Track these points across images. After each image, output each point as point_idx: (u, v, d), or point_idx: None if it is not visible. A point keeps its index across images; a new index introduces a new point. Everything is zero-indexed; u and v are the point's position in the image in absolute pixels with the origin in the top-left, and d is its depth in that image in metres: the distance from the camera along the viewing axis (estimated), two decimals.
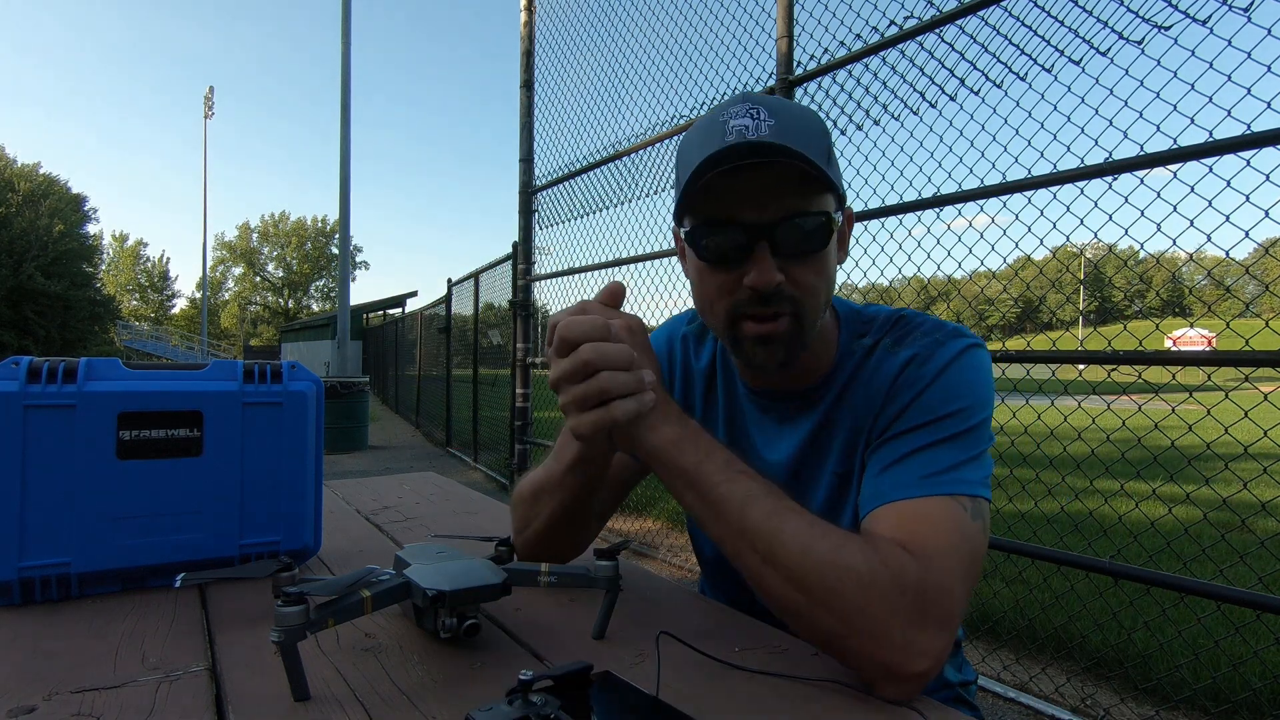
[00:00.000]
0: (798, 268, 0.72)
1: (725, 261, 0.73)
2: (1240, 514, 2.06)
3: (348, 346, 12.17)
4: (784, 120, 0.70)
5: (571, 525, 0.85)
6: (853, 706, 0.57)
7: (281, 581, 0.62)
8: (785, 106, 0.71)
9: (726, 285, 0.73)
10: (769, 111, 0.70)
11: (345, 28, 11.75)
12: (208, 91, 38.41)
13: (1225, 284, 2.28)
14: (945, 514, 0.66)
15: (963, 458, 0.70)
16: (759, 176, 0.69)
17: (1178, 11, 1.79)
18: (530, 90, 4.92)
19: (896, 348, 0.79)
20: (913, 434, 0.72)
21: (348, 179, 11.77)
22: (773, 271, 0.70)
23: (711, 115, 0.73)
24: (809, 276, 0.73)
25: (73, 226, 30.34)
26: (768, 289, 0.70)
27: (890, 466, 0.71)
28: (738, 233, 0.71)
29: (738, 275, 0.72)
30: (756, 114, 0.69)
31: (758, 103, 0.71)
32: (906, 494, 0.68)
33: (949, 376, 0.74)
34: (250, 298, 62.45)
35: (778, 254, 0.71)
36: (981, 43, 2.21)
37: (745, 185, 0.69)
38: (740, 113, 0.70)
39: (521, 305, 4.91)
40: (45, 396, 0.76)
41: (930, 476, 0.68)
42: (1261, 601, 1.66)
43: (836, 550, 0.61)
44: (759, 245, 0.70)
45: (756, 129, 0.68)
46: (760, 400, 0.88)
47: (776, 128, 0.69)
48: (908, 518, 0.66)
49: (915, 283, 2.93)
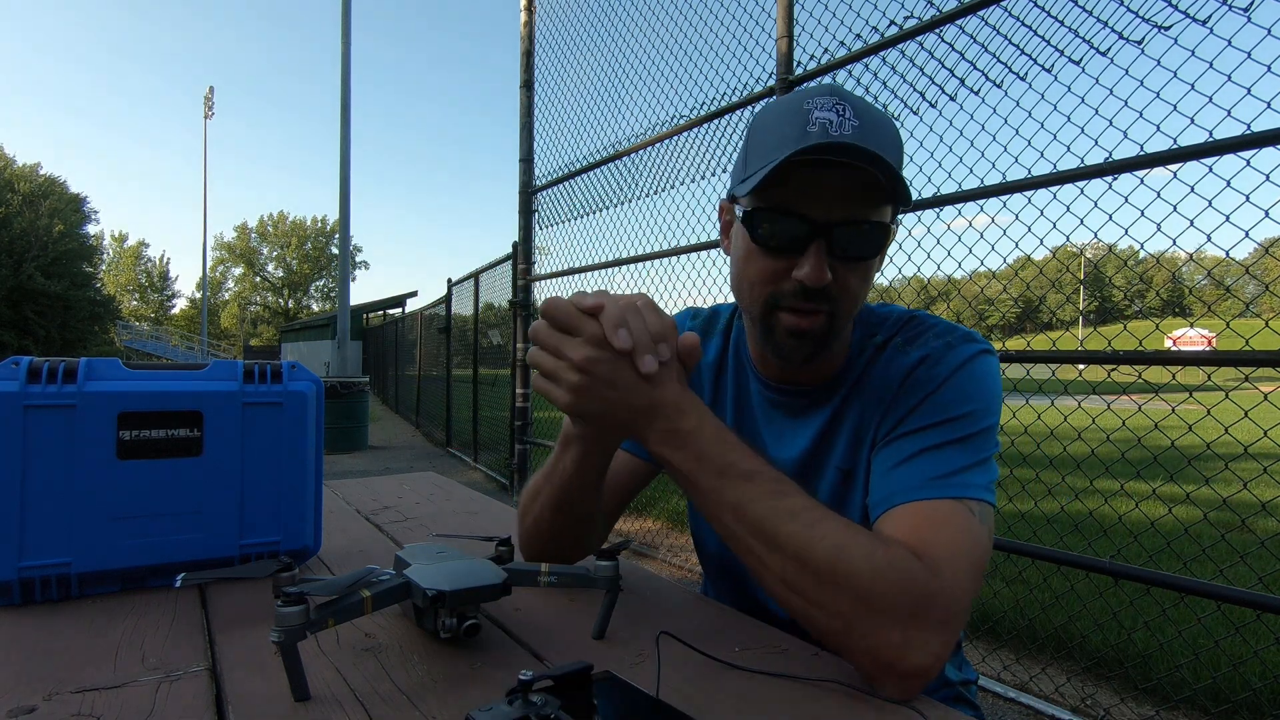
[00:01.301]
0: (846, 271, 0.73)
1: (780, 250, 0.73)
2: (1240, 514, 2.06)
3: (348, 346, 12.17)
4: (867, 122, 0.69)
5: (572, 518, 0.82)
6: (853, 706, 0.57)
7: (281, 581, 0.62)
8: (868, 109, 0.71)
9: (775, 272, 0.74)
10: (854, 111, 0.69)
11: (345, 26, 11.75)
12: (208, 92, 38.42)
13: (1225, 284, 2.28)
14: (953, 518, 0.66)
15: (970, 461, 0.70)
16: (834, 175, 0.69)
17: (1178, 11, 1.79)
18: (530, 90, 4.92)
19: (908, 347, 0.80)
20: (922, 434, 0.72)
21: (348, 178, 11.77)
22: (824, 270, 0.70)
23: (793, 100, 0.72)
24: (854, 281, 0.74)
25: (73, 226, 30.35)
26: (817, 286, 0.71)
27: (899, 465, 0.72)
28: (801, 225, 0.71)
29: (787, 265, 0.72)
30: (842, 110, 0.69)
31: (844, 99, 0.70)
32: (915, 496, 0.68)
33: (960, 379, 0.75)
34: (250, 298, 62.46)
35: (831, 254, 0.71)
36: (981, 43, 2.21)
37: (819, 180, 0.70)
38: (826, 105, 0.69)
39: (521, 305, 4.91)
40: (45, 396, 0.76)
41: (939, 479, 0.69)
42: (1261, 601, 1.67)
43: (844, 543, 0.61)
44: (816, 242, 0.71)
45: (841, 126, 0.68)
46: (771, 394, 0.88)
47: (861, 129, 0.68)
48: (917, 521, 0.66)
49: (915, 283, 2.93)
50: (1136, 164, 1.82)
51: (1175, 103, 1.80)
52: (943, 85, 2.35)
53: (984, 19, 2.18)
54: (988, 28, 2.18)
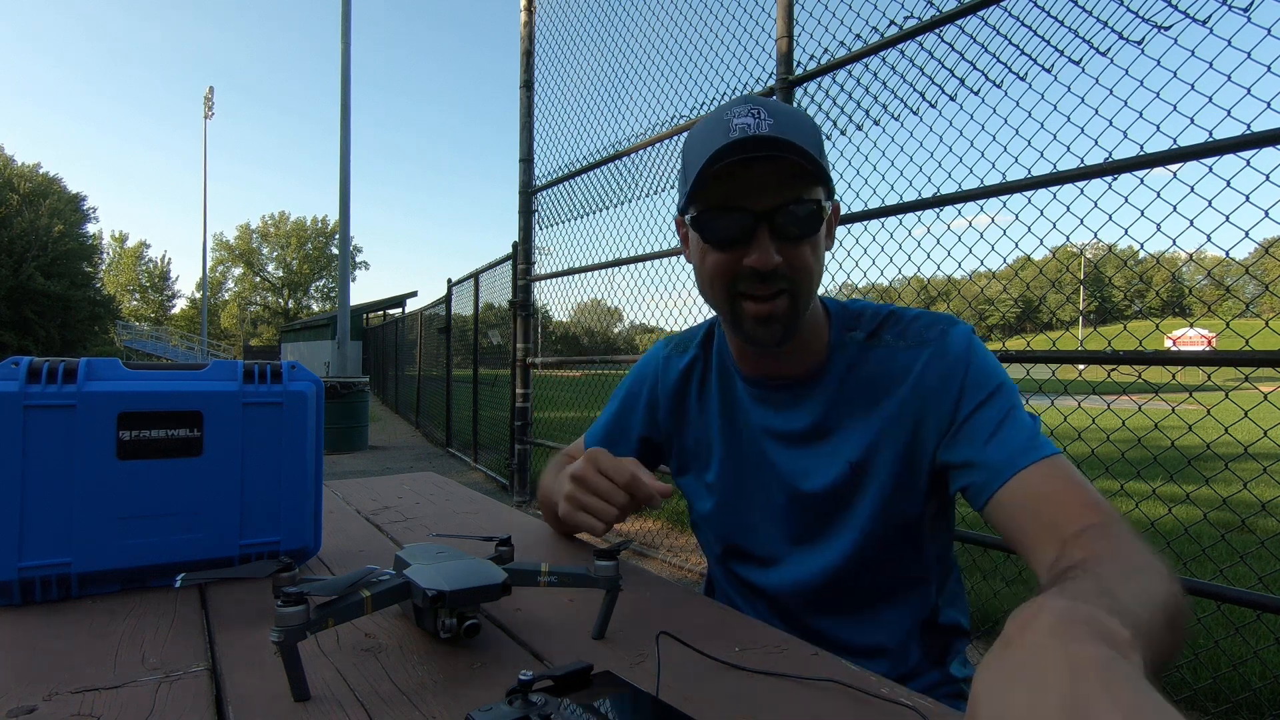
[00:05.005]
0: (793, 250, 0.80)
1: (729, 244, 0.80)
2: (1240, 514, 2.06)
3: (348, 347, 12.16)
4: (782, 119, 0.77)
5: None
6: (852, 706, 0.57)
7: (281, 581, 0.61)
8: (781, 107, 0.80)
9: (729, 265, 0.81)
10: (768, 111, 0.78)
11: (345, 25, 11.75)
12: (207, 92, 38.36)
13: (1225, 284, 2.28)
14: (1073, 473, 0.74)
15: (1035, 425, 0.79)
16: (762, 168, 0.77)
17: (1178, 11, 1.79)
18: (530, 90, 4.92)
19: (901, 343, 0.85)
20: (984, 408, 0.79)
21: (348, 178, 11.76)
22: (771, 252, 0.78)
23: (715, 115, 0.81)
24: (804, 257, 0.80)
25: (72, 226, 30.35)
26: (767, 268, 0.78)
27: (991, 439, 0.78)
28: (743, 217, 0.78)
29: (738, 255, 0.80)
30: (758, 114, 0.77)
31: (757, 104, 0.78)
32: (1030, 458, 0.74)
33: (974, 359, 0.82)
34: (250, 298, 62.44)
35: (776, 237, 0.79)
36: (981, 43, 2.21)
37: (750, 176, 0.77)
38: (743, 112, 0.77)
39: (521, 305, 4.91)
40: (45, 396, 0.76)
41: (1032, 440, 0.76)
42: (1261, 601, 1.67)
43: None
44: (760, 229, 0.78)
45: (758, 126, 0.76)
46: (757, 390, 0.92)
47: (776, 125, 0.76)
48: (1056, 481, 0.73)
49: (915, 283, 2.93)
50: (1136, 164, 1.82)
51: (1175, 103, 1.80)
52: (943, 85, 2.35)
53: (984, 19, 2.18)
54: (988, 28, 2.18)
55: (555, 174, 4.65)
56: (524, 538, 1.07)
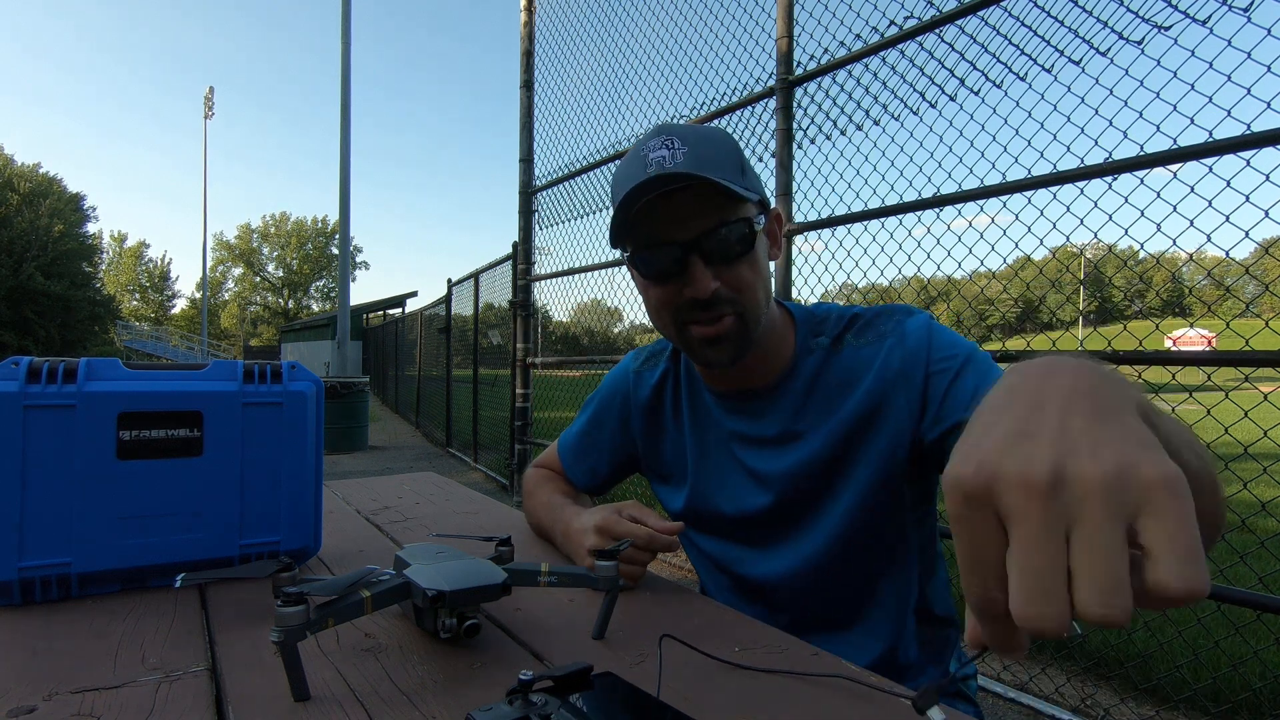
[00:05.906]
0: (730, 272, 0.80)
1: (665, 277, 0.82)
2: (1240, 514, 2.06)
3: (348, 347, 12.16)
4: (695, 147, 0.78)
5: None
6: (853, 705, 0.57)
7: (281, 581, 0.62)
8: (697, 132, 0.80)
9: (670, 298, 0.83)
10: (681, 140, 0.78)
11: (345, 25, 11.74)
12: (207, 92, 38.33)
13: (1225, 284, 2.28)
14: None
15: None
16: (683, 198, 0.78)
17: (1178, 11, 1.79)
18: (530, 90, 4.92)
19: (861, 340, 0.86)
20: (961, 378, 0.79)
21: (348, 178, 11.76)
22: (707, 280, 0.79)
23: (635, 150, 0.82)
24: (742, 277, 0.81)
25: (72, 226, 30.35)
26: (705, 296, 0.79)
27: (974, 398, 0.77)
28: (672, 250, 0.80)
29: (678, 287, 0.81)
30: (672, 144, 0.78)
31: (672, 133, 0.79)
32: None
33: (936, 338, 0.82)
34: (250, 298, 62.41)
35: (710, 263, 0.79)
36: (981, 43, 2.21)
37: (670, 209, 0.78)
38: (657, 145, 0.79)
39: (521, 305, 4.91)
40: (45, 397, 0.76)
41: None
42: (1261, 601, 1.67)
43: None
44: (691, 259, 0.79)
45: (673, 158, 0.77)
46: (726, 402, 0.93)
47: (690, 154, 0.77)
48: None
49: (915, 283, 2.93)
50: (1136, 164, 1.82)
51: (1175, 103, 1.80)
52: (943, 85, 2.35)
53: (984, 19, 2.18)
54: (987, 28, 2.18)
55: (555, 174, 4.65)
56: (524, 538, 1.07)
